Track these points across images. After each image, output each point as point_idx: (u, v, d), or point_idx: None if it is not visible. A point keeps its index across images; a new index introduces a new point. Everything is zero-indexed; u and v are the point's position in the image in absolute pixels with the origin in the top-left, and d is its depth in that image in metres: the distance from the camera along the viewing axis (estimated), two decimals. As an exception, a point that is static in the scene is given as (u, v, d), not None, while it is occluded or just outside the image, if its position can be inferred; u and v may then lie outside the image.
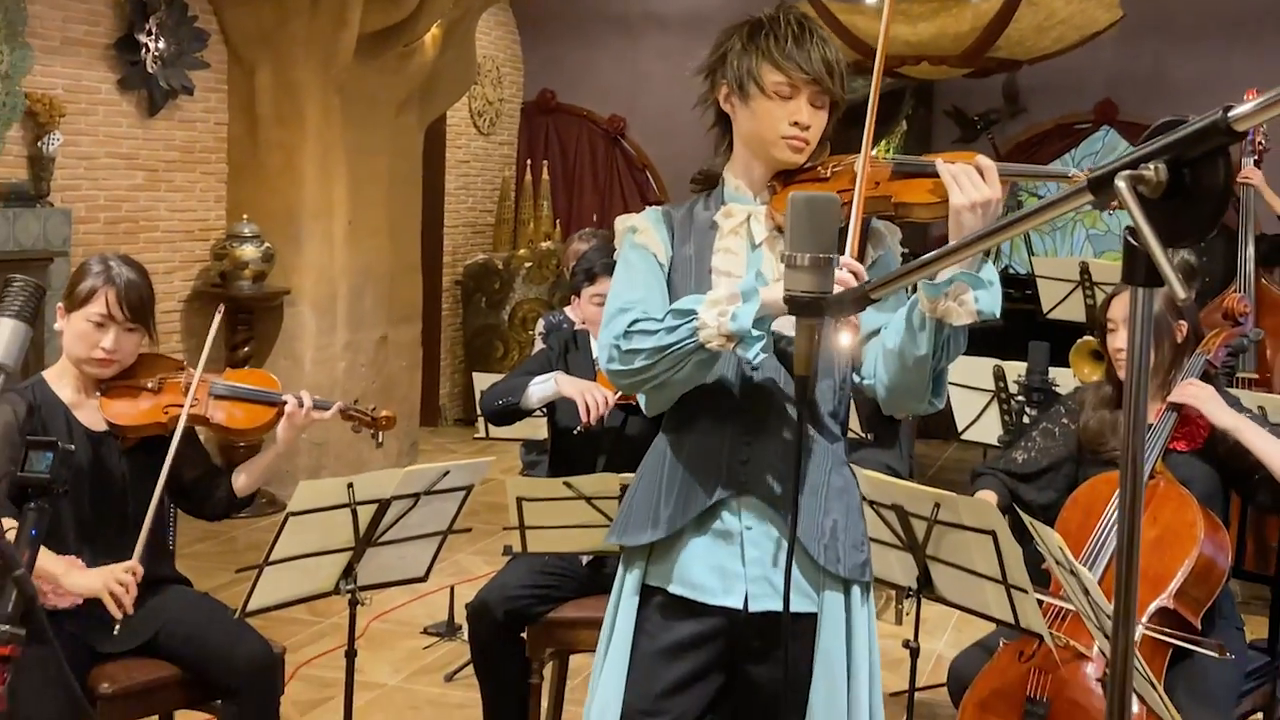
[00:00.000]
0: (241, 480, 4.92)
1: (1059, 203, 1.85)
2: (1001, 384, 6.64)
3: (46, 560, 4.30)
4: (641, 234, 3.54)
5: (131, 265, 4.68)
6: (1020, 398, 6.41)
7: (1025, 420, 6.18)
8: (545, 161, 14.29)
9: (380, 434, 5.09)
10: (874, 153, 3.36)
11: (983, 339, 3.36)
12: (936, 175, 3.15)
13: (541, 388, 5.44)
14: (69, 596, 4.32)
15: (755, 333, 3.11)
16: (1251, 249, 8.18)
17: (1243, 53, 12.96)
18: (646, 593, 3.52)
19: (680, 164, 13.47)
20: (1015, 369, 6.53)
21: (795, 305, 2.34)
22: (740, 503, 3.43)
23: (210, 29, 9.74)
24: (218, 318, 4.99)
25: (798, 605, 3.35)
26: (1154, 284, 1.71)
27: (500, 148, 14.39)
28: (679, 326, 3.19)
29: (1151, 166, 1.68)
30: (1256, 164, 8.16)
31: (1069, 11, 10.43)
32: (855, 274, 3.08)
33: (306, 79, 9.81)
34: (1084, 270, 8.16)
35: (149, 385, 4.73)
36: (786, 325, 3.14)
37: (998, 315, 3.08)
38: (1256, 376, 8.09)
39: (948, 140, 14.04)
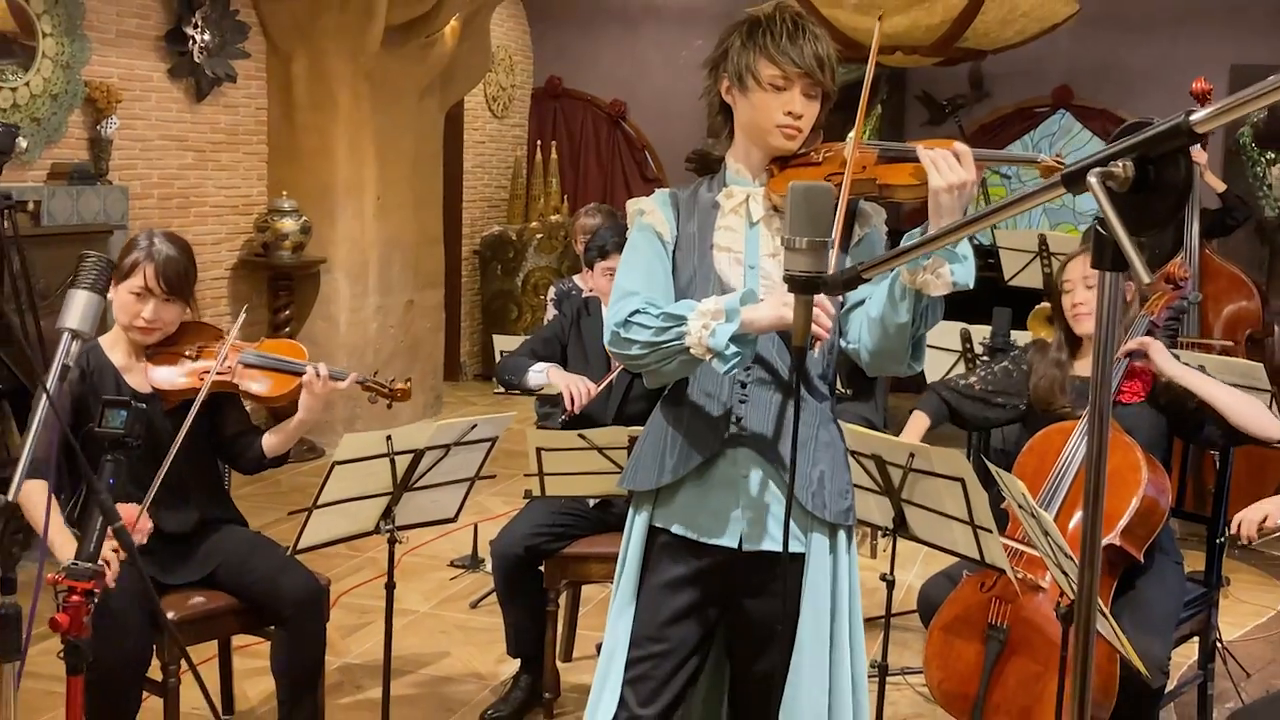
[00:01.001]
0: (271, 442, 4.91)
1: (1037, 194, 1.90)
2: (968, 345, 6.68)
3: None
4: (649, 215, 3.58)
5: (173, 242, 4.72)
6: (985, 358, 6.47)
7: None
8: (554, 142, 14.29)
9: (394, 403, 5.10)
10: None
11: (951, 304, 3.42)
12: (917, 160, 3.22)
13: (537, 376, 5.66)
14: (140, 534, 4.39)
15: (730, 350, 3.19)
16: (1197, 224, 8.24)
17: (1187, 43, 13.00)
18: (653, 533, 3.59)
19: (676, 144, 13.53)
20: (980, 331, 6.58)
21: (794, 283, 2.38)
22: (737, 454, 3.48)
23: (250, 22, 9.78)
24: (243, 315, 5.08)
25: (789, 545, 3.45)
26: (1120, 269, 1.76)
27: (513, 129, 14.39)
28: (669, 329, 3.27)
29: (1120, 164, 1.74)
30: (1203, 147, 8.22)
31: (1030, 5, 10.41)
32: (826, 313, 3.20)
33: (338, 68, 9.85)
34: (1042, 242, 8.20)
35: (188, 353, 4.77)
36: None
37: (971, 285, 3.16)
38: (1200, 340, 8.17)
39: (918, 123, 14.03)
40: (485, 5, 11.37)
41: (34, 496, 4.00)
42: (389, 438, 4.48)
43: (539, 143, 14.34)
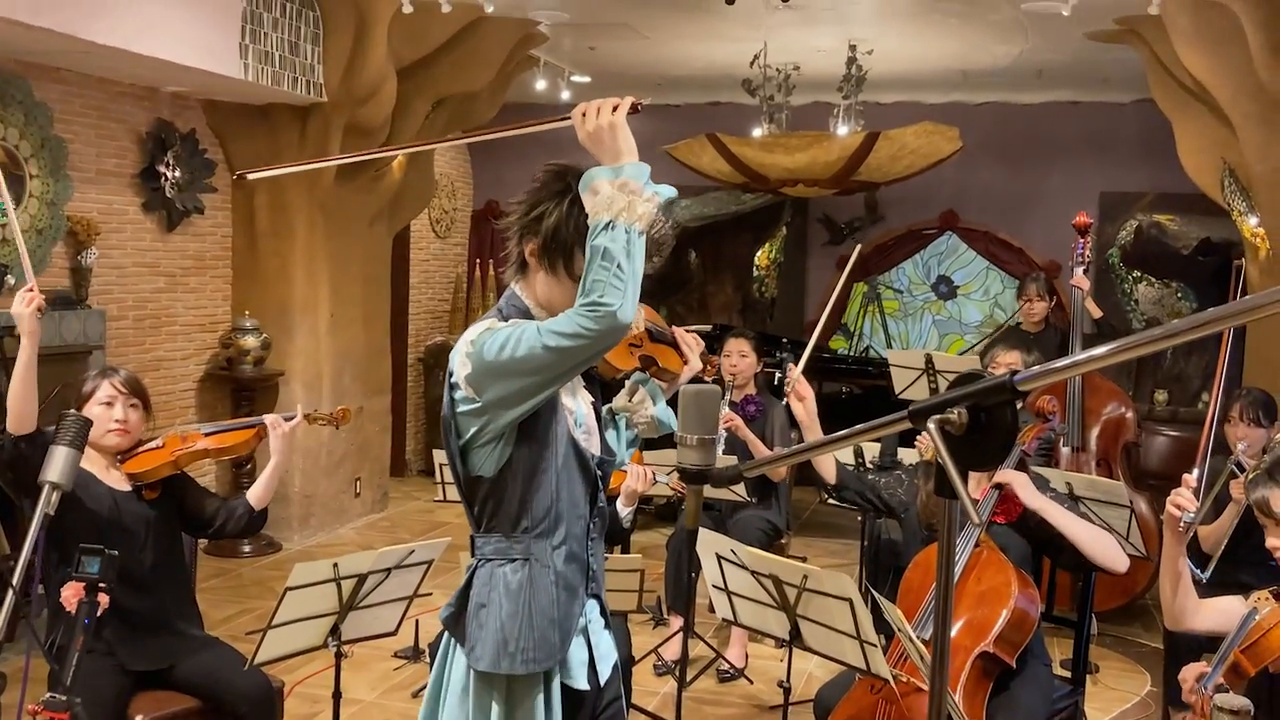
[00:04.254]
0: (256, 494, 5.17)
1: (885, 425, 1.99)
2: (860, 459, 6.76)
3: None
4: None
5: (122, 369, 5.06)
6: (874, 476, 6.55)
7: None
8: (491, 260, 14.35)
9: (339, 426, 5.67)
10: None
11: (848, 416, 3.46)
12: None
13: None
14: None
15: (658, 187, 3.00)
16: (1080, 343, 8.32)
17: (1060, 172, 13.27)
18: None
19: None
20: (871, 449, 6.67)
21: (686, 475, 2.40)
22: (588, 612, 3.36)
23: (217, 159, 9.84)
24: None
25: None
26: (955, 498, 1.84)
27: (454, 248, 14.45)
28: (610, 235, 2.91)
29: (956, 411, 1.82)
30: (1085, 273, 8.31)
31: (918, 144, 10.54)
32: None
33: (296, 200, 9.91)
34: (928, 360, 8.27)
35: (154, 445, 5.05)
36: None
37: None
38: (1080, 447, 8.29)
39: (820, 243, 14.22)
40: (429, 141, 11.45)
41: None
42: (335, 565, 4.53)
43: (478, 260, 14.39)
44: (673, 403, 3.21)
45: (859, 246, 8.05)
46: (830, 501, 6.23)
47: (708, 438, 2.41)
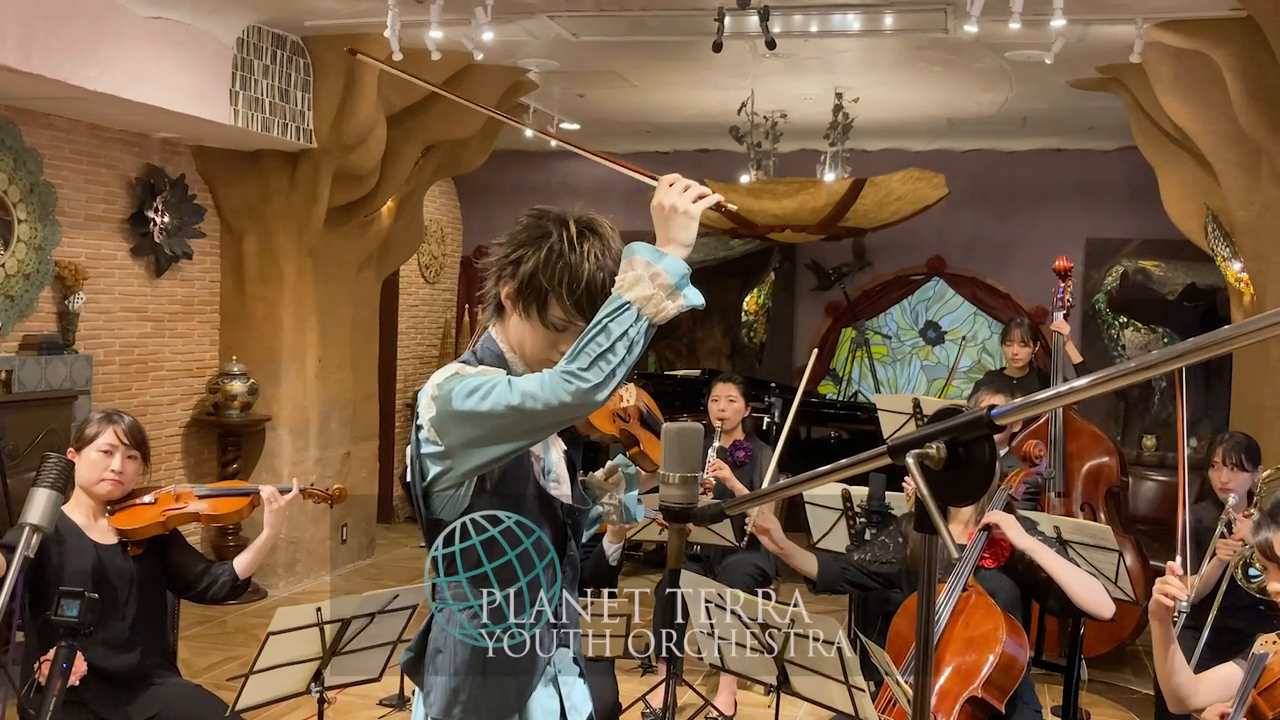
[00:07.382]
0: (244, 562, 5.07)
1: (862, 461, 1.95)
2: (848, 504, 6.70)
3: None
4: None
5: (129, 415, 4.93)
6: (862, 519, 6.51)
7: (866, 536, 6.28)
8: (480, 305, 14.31)
9: (334, 504, 5.50)
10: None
11: (835, 459, 3.36)
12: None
13: None
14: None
15: (690, 290, 2.85)
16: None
17: (1046, 219, 13.28)
18: None
19: (590, 308, 13.58)
20: (859, 493, 6.61)
21: (668, 514, 2.35)
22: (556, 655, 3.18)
23: (206, 205, 9.81)
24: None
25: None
26: (935, 533, 1.79)
27: (443, 294, 14.42)
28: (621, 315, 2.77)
29: (934, 445, 1.78)
30: (1065, 318, 8.29)
31: (904, 190, 10.54)
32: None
33: (285, 245, 9.86)
34: (916, 405, 8.21)
35: (146, 500, 4.95)
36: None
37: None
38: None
39: (808, 288, 14.19)
40: (419, 187, 11.46)
41: None
42: (319, 609, 4.48)
43: (467, 306, 14.34)
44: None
45: (815, 351, 8.04)
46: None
47: (690, 475, 2.37)
